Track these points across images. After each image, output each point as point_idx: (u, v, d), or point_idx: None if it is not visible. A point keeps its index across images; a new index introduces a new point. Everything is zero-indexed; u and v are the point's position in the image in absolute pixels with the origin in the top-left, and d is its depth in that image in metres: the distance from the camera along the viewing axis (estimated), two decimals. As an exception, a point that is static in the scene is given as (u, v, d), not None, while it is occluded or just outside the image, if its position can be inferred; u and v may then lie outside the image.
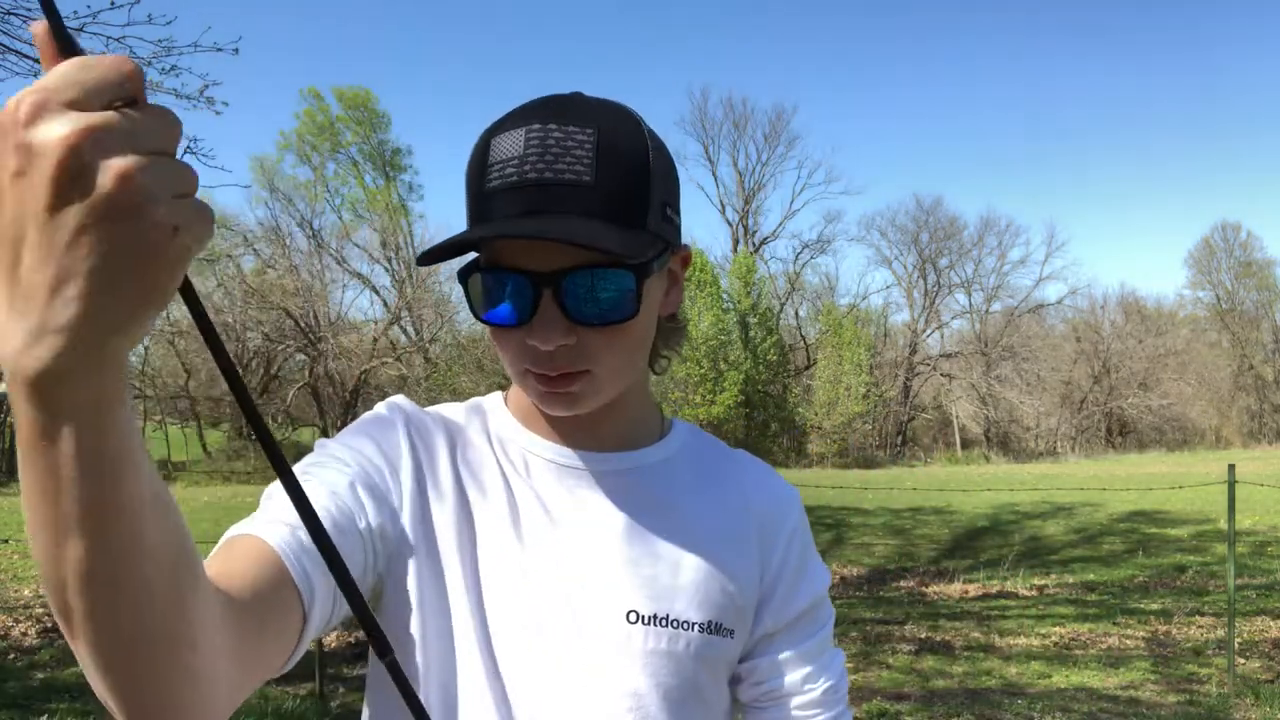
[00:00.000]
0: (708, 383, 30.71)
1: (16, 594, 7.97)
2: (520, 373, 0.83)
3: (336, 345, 27.43)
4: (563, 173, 0.76)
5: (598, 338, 0.79)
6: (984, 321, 41.07)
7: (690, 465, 0.94)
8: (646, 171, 0.79)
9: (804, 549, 0.95)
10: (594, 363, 0.80)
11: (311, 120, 30.15)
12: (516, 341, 0.80)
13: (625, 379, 0.85)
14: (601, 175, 0.76)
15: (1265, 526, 12.06)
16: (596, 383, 0.82)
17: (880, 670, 5.95)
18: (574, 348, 0.79)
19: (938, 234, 40.91)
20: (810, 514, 4.45)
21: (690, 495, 0.91)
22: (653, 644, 0.84)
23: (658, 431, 0.95)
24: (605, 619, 0.84)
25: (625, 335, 0.81)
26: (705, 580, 0.87)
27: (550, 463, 0.89)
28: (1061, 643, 6.66)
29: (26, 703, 5.06)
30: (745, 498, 0.94)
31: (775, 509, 0.95)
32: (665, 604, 0.85)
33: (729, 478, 0.95)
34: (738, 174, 39.09)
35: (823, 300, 39.30)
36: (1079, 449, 37.73)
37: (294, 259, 29.60)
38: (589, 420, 0.88)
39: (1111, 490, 16.63)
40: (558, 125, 0.77)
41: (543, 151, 0.76)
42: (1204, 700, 5.24)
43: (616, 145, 0.78)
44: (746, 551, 0.91)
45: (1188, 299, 45.63)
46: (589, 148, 0.77)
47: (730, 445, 1.00)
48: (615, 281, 0.77)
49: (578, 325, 0.78)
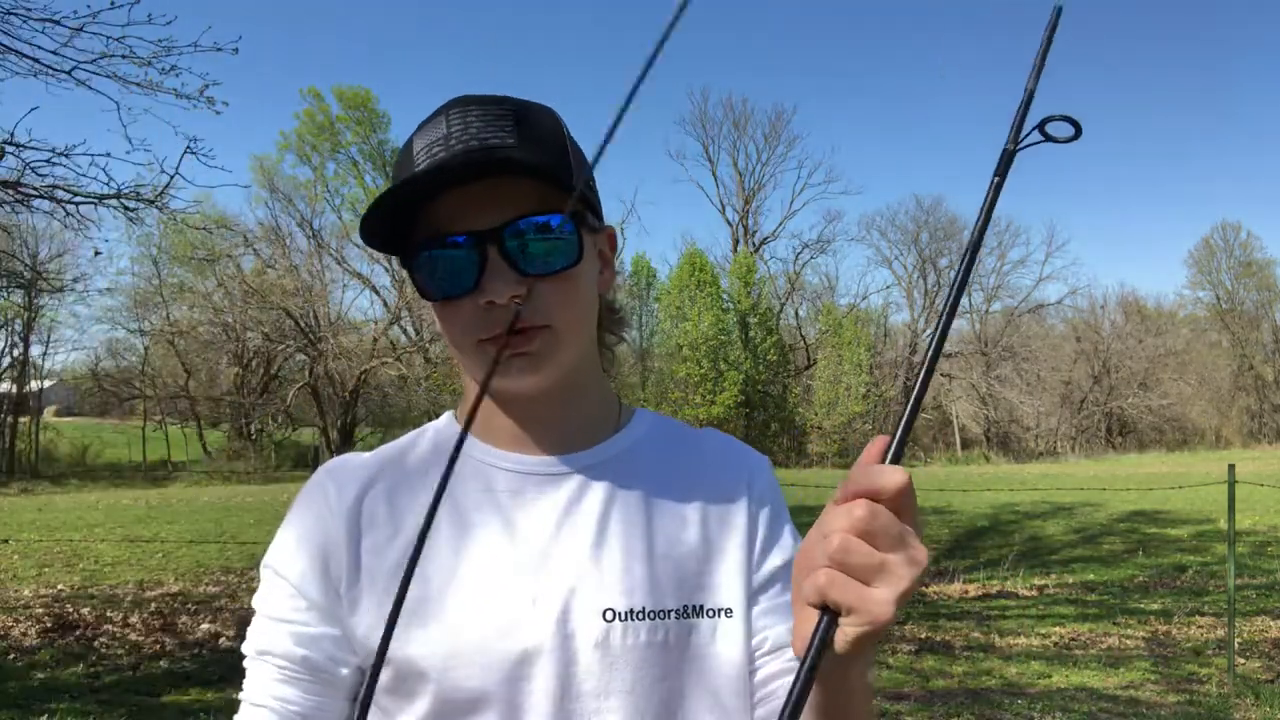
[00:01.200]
0: (708, 383, 30.70)
1: (16, 594, 7.96)
2: (472, 346, 0.83)
3: (336, 345, 27.45)
4: (488, 139, 0.80)
5: (549, 290, 0.82)
6: (984, 321, 41.08)
7: (653, 451, 0.93)
8: (564, 140, 0.85)
9: (776, 506, 0.95)
10: (549, 317, 0.82)
11: (311, 120, 30.12)
12: (467, 311, 0.82)
13: (580, 339, 0.86)
14: (523, 140, 0.81)
15: (1265, 526, 12.06)
16: (555, 339, 0.83)
17: (880, 670, 5.95)
18: (530, 302, 0.80)
19: (938, 234, 40.94)
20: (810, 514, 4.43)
21: (656, 482, 0.91)
22: (632, 639, 0.83)
23: (616, 422, 0.94)
24: (583, 621, 0.83)
25: (574, 287, 0.83)
26: (678, 566, 0.87)
27: (509, 472, 0.89)
28: (1061, 643, 6.66)
29: (26, 703, 5.05)
30: (711, 472, 0.94)
31: (742, 473, 0.95)
32: (640, 597, 0.84)
33: (693, 456, 0.95)
34: (738, 174, 39.12)
35: (823, 300, 39.33)
36: (1079, 449, 37.73)
37: (294, 259, 29.63)
38: (544, 413, 0.89)
39: (1111, 490, 16.62)
40: (477, 105, 0.83)
41: (465, 127, 0.81)
42: (1204, 700, 5.24)
43: (533, 118, 0.84)
44: (720, 525, 0.91)
45: (1188, 299, 45.67)
46: (509, 120, 0.82)
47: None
48: (556, 230, 0.81)
49: (527, 275, 0.80)
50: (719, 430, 1.02)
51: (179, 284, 30.02)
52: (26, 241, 25.07)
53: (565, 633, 0.82)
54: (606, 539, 0.86)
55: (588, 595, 0.84)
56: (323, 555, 0.86)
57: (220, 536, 11.11)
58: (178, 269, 29.78)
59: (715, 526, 0.91)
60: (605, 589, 0.84)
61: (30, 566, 9.13)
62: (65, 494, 20.28)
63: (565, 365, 0.85)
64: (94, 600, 7.70)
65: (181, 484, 24.40)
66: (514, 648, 0.81)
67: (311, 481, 0.92)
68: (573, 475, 0.89)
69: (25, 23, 5.85)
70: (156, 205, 6.67)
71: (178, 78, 6.31)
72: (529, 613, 0.82)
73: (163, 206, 6.74)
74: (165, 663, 6.06)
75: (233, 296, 28.76)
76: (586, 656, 0.83)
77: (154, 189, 6.61)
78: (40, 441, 29.70)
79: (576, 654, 0.82)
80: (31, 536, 10.88)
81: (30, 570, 8.96)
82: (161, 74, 6.24)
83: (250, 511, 13.62)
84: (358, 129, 30.89)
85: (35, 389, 30.88)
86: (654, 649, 0.84)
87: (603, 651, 0.83)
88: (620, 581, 0.85)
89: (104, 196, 6.45)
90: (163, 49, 6.10)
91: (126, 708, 5.05)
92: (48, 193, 6.34)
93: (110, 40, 5.95)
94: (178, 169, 6.50)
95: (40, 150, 6.13)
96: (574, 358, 0.86)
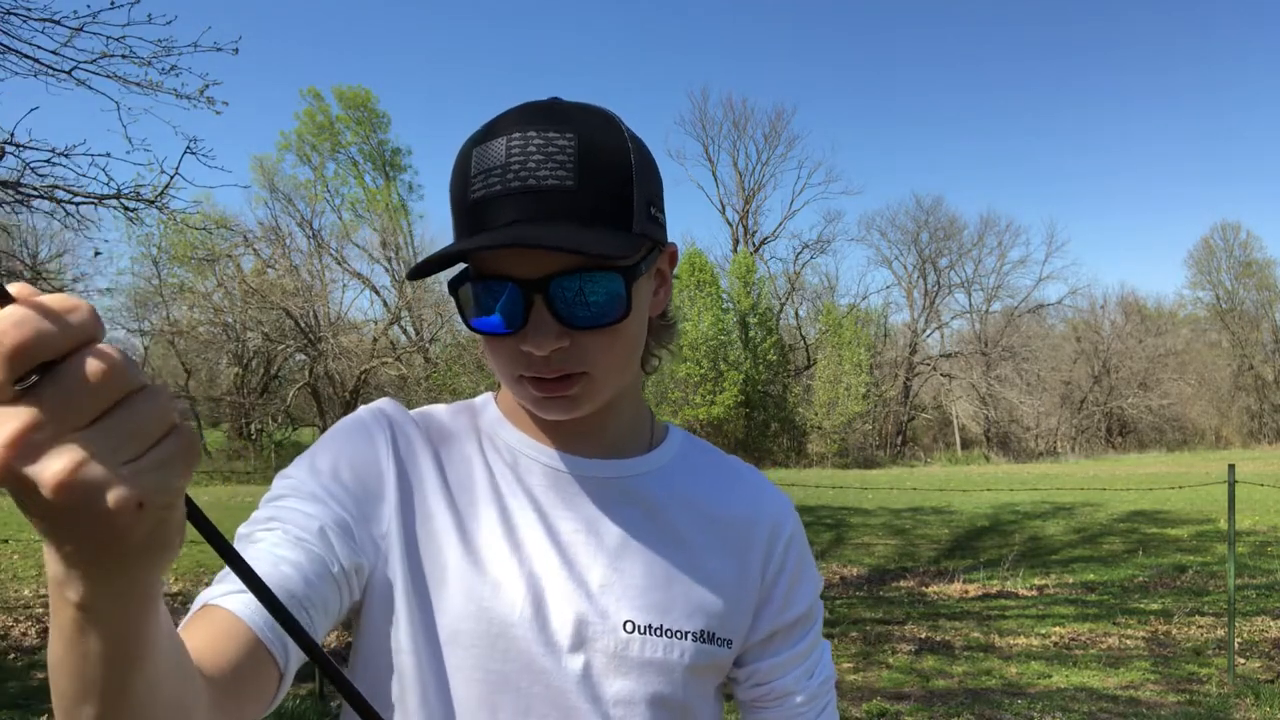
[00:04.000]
0: (708, 383, 30.70)
1: (16, 594, 7.97)
2: (514, 379, 0.82)
3: (336, 345, 27.43)
4: (545, 179, 0.76)
5: (591, 340, 0.80)
6: (984, 321, 41.07)
7: (684, 475, 0.94)
8: (629, 172, 0.80)
9: (801, 555, 0.96)
10: (590, 365, 0.80)
11: (311, 120, 30.14)
12: (509, 349, 0.80)
13: (620, 380, 0.86)
14: (584, 179, 0.77)
15: (1265, 526, 12.06)
16: (593, 385, 0.82)
17: (880, 670, 5.95)
18: (568, 350, 0.79)
19: (938, 234, 40.94)
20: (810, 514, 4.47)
21: (685, 506, 0.91)
22: (649, 653, 0.85)
23: (650, 439, 0.95)
24: (604, 628, 0.84)
25: (618, 337, 0.81)
26: (699, 591, 0.88)
27: (542, 465, 0.89)
28: (1061, 643, 6.66)
29: (26, 703, 5.06)
30: (740, 507, 0.94)
31: (771, 518, 0.95)
32: (660, 615, 0.86)
33: (723, 487, 0.95)
34: (738, 174, 39.13)
35: (823, 300, 39.31)
36: (1079, 449, 37.73)
37: (294, 259, 29.61)
38: (581, 424, 0.88)
39: (1111, 490, 16.63)
40: (537, 132, 0.78)
41: (524, 159, 0.77)
42: (1204, 700, 5.24)
43: (597, 148, 0.78)
44: (742, 561, 0.92)
45: (1188, 299, 45.67)
46: (570, 153, 0.77)
47: (730, 445, 1.02)
48: (604, 284, 0.78)
49: (570, 329, 0.78)
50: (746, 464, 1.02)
51: (179, 284, 29.99)
52: (26, 241, 25.06)
53: (586, 636, 0.84)
54: (632, 552, 0.87)
55: (611, 603, 0.85)
56: (373, 474, 0.84)
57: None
58: (178, 269, 29.75)
59: (744, 560, 0.92)
60: (628, 600, 0.85)
61: (30, 566, 9.14)
62: (65, 494, 20.24)
63: (603, 401, 0.85)
64: (94, 600, 7.71)
65: (181, 484, 24.37)
66: (536, 642, 0.82)
67: (358, 413, 0.89)
68: (607, 483, 0.89)
69: (25, 23, 5.84)
70: (156, 205, 6.67)
71: (178, 78, 6.31)
72: (555, 611, 0.83)
73: (163, 206, 6.73)
74: (165, 663, 6.07)
75: (233, 296, 28.72)
76: (603, 662, 0.84)
77: (154, 189, 6.61)
78: (40, 441, 29.64)
79: (594, 659, 0.84)
80: (31, 536, 10.88)
81: (30, 570, 8.97)
82: (161, 74, 6.23)
83: (250, 511, 13.57)
84: (358, 129, 30.92)
85: (35, 389, 30.81)
86: (669, 666, 0.85)
87: (619, 660, 0.84)
88: (643, 595, 0.86)
89: (104, 196, 6.45)
90: (163, 49, 6.10)
91: (126, 708, 5.05)
92: (48, 193, 6.34)
93: (110, 40, 5.95)
94: (178, 169, 6.49)
95: (40, 150, 6.13)
96: (612, 395, 0.86)
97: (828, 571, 9.75)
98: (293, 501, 0.81)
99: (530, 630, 0.82)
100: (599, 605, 0.84)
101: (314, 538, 0.78)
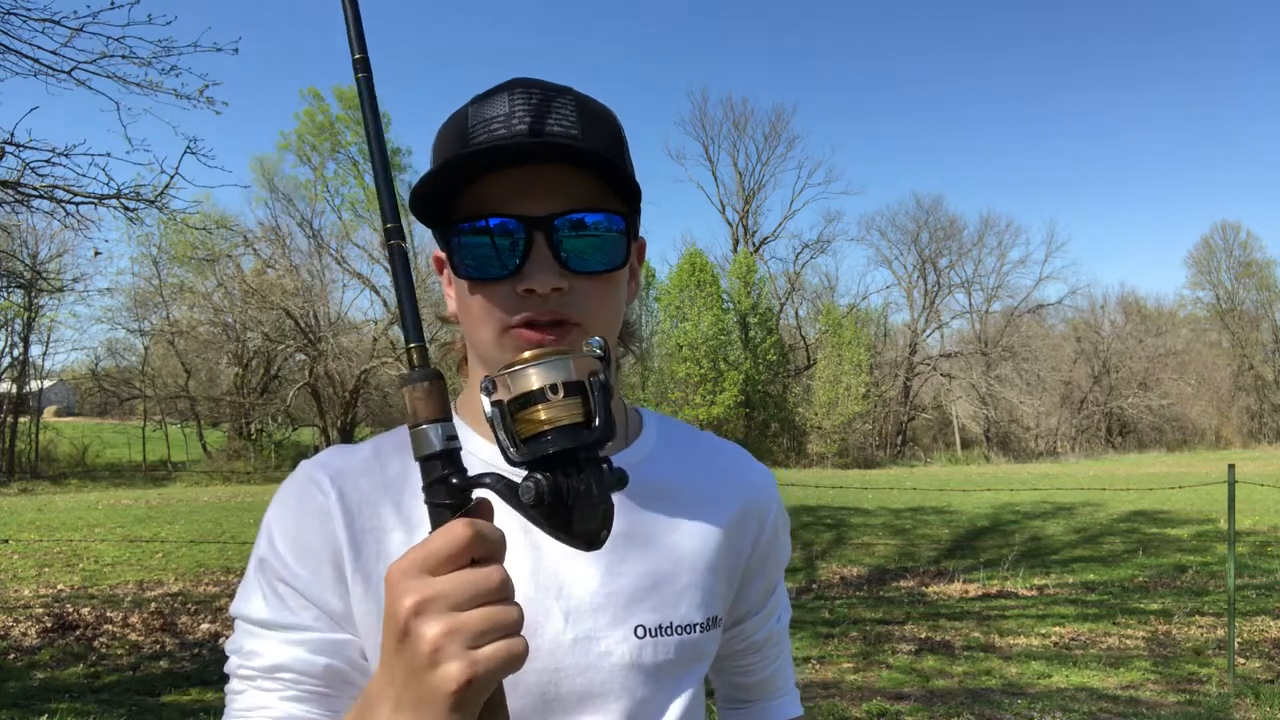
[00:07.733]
0: (708, 383, 30.71)
1: (16, 594, 7.96)
2: (502, 331, 0.78)
3: (336, 345, 27.45)
4: (553, 126, 0.77)
5: (588, 288, 0.78)
6: (984, 321, 41.09)
7: (669, 461, 0.91)
8: (622, 135, 0.83)
9: (784, 523, 0.99)
10: (584, 315, 0.78)
11: (311, 120, 30.12)
12: (503, 294, 0.77)
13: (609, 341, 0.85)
14: (588, 132, 0.78)
15: (1265, 526, 12.06)
16: (584, 338, 0.79)
17: (880, 670, 5.95)
18: (566, 296, 0.77)
19: (938, 234, 40.99)
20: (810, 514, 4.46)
21: (673, 494, 0.89)
22: (662, 655, 0.83)
23: (627, 429, 0.92)
24: (614, 639, 0.81)
25: (611, 291, 0.81)
26: (700, 579, 0.87)
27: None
28: (1062, 643, 6.66)
29: (26, 703, 5.05)
30: (727, 485, 0.93)
31: (757, 491, 0.95)
32: (668, 613, 0.84)
33: (707, 466, 0.94)
34: (738, 174, 39.17)
35: (823, 300, 39.35)
36: (1079, 449, 37.73)
37: (294, 259, 29.63)
38: None
39: (1112, 490, 16.63)
40: (539, 89, 0.80)
41: (529, 109, 0.77)
42: (1204, 700, 5.23)
43: (594, 109, 0.81)
44: (733, 539, 0.91)
45: (1188, 299, 45.73)
46: (572, 107, 0.79)
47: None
48: (606, 227, 0.78)
49: (569, 272, 0.77)
50: (722, 438, 1.01)
51: (179, 284, 30.00)
52: (26, 241, 25.08)
53: (598, 651, 0.81)
54: (630, 553, 0.84)
55: (617, 612, 0.82)
56: (331, 556, 0.78)
57: (220, 536, 11.10)
58: (178, 269, 29.77)
59: (733, 535, 0.91)
60: (634, 605, 0.83)
61: (30, 566, 9.13)
62: (65, 494, 20.26)
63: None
64: (94, 600, 7.70)
65: (181, 484, 24.39)
66: (547, 667, 0.79)
67: (300, 477, 0.83)
68: None
69: (25, 23, 5.85)
70: (156, 205, 6.67)
71: (177, 78, 6.32)
72: (561, 633, 0.80)
73: (163, 206, 6.74)
74: (165, 663, 6.06)
75: (233, 296, 28.76)
76: (620, 676, 0.81)
77: (154, 189, 6.61)
78: (40, 441, 29.67)
79: (610, 674, 0.81)
80: (31, 536, 10.88)
81: (30, 570, 8.96)
82: (161, 74, 6.24)
83: (250, 511, 13.60)
84: (358, 129, 30.86)
85: (35, 389, 30.86)
86: (683, 662, 0.85)
87: (635, 669, 0.82)
88: (648, 597, 0.83)
89: (104, 196, 6.45)
90: (162, 49, 6.10)
91: (126, 708, 5.05)
92: (48, 193, 6.34)
93: (110, 40, 5.95)
94: (177, 169, 6.50)
95: (40, 150, 6.14)
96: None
97: (828, 571, 9.75)
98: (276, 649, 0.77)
99: (534, 662, 0.78)
100: (606, 617, 0.81)
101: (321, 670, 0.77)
